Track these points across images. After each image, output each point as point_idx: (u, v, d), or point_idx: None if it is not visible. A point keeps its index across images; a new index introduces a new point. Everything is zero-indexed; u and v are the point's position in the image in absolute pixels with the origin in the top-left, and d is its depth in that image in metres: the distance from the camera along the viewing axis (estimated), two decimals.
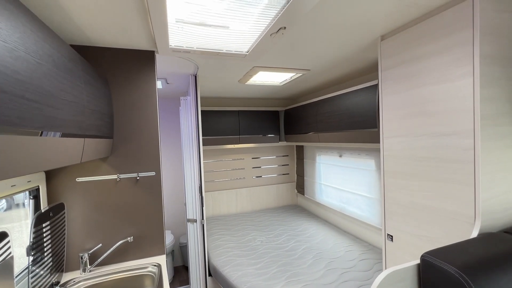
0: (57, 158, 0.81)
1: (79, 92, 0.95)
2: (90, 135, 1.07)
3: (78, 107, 0.93)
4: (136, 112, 1.50)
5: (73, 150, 0.92)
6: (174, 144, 3.31)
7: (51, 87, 0.73)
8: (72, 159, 0.93)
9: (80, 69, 1.00)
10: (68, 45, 0.94)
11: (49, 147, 0.74)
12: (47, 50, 0.73)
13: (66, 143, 0.86)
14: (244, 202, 3.56)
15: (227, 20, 1.16)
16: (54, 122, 0.75)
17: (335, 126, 2.29)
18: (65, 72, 0.84)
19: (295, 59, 1.75)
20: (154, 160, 1.53)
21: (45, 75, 0.70)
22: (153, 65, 1.53)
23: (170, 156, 3.29)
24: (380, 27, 1.30)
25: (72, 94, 0.88)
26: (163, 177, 3.25)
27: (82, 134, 0.98)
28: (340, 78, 2.40)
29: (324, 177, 3.12)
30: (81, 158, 1.01)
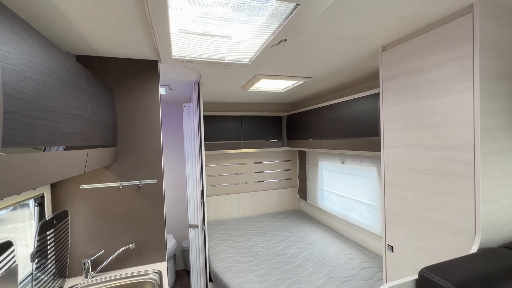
0: (61, 171, 0.83)
1: (83, 104, 0.98)
2: (94, 146, 1.09)
3: (82, 120, 0.95)
4: (139, 121, 1.52)
5: (77, 162, 0.95)
6: (178, 147, 3.34)
7: (56, 102, 0.75)
8: (76, 170, 0.95)
9: (84, 81, 1.03)
10: (74, 60, 0.96)
11: (53, 161, 0.77)
12: (53, 67, 0.76)
13: (70, 156, 0.88)
14: (246, 207, 3.57)
15: (230, 29, 1.18)
16: (58, 136, 0.77)
17: (337, 133, 2.29)
18: (70, 87, 0.86)
19: (297, 68, 1.76)
20: (156, 167, 1.55)
21: (50, 92, 0.72)
22: (156, 74, 1.56)
23: (174, 159, 3.32)
24: (381, 38, 1.30)
25: (77, 107, 0.91)
26: (166, 181, 3.28)
27: (86, 145, 1.00)
28: (342, 85, 2.41)
29: (326, 183, 3.11)
30: (84, 169, 1.03)
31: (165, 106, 3.25)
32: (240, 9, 1.00)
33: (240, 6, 0.97)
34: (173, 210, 3.32)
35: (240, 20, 1.10)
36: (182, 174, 3.37)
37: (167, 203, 3.29)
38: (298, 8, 0.93)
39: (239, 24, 1.13)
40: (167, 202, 3.29)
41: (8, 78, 0.54)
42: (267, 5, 0.95)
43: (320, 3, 0.91)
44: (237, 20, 1.09)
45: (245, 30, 1.18)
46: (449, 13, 1.05)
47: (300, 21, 1.04)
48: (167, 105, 3.26)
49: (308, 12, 0.97)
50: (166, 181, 3.28)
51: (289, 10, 0.97)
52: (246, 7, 0.98)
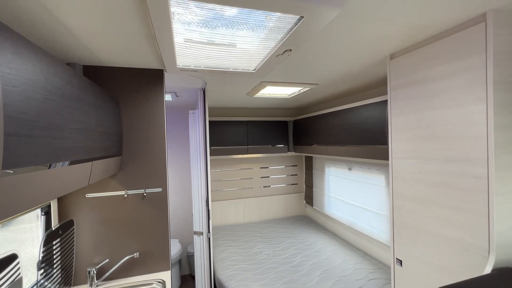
0: (65, 186, 0.84)
1: (88, 118, 0.98)
2: (98, 157, 1.10)
3: (86, 133, 0.96)
4: (144, 130, 1.53)
5: (81, 175, 0.95)
6: (186, 152, 3.35)
7: (60, 119, 0.76)
8: (80, 183, 0.96)
9: (89, 94, 1.03)
10: (79, 73, 0.97)
11: (57, 177, 0.77)
12: (57, 83, 0.76)
13: (74, 170, 0.89)
14: (252, 212, 3.55)
15: (235, 38, 1.17)
16: (63, 152, 0.78)
17: (344, 140, 2.25)
18: (74, 102, 0.87)
19: (302, 74, 1.74)
20: (161, 176, 1.55)
21: (53, 109, 0.73)
22: (161, 83, 1.56)
23: (182, 163, 3.33)
24: (389, 46, 1.27)
25: (81, 121, 0.91)
26: (173, 185, 3.30)
27: (90, 158, 1.00)
28: (349, 91, 2.37)
29: (333, 189, 3.06)
30: (89, 181, 1.04)
31: (172, 112, 3.28)
32: (242, 28, 0.99)
33: (243, 23, 0.96)
34: (179, 215, 3.33)
35: (243, 36, 1.09)
36: (189, 178, 3.38)
37: (173, 207, 3.30)
38: (302, 20, 0.91)
39: (244, 38, 1.12)
40: (173, 207, 3.30)
41: (10, 100, 0.54)
42: (270, 17, 0.94)
43: (324, 15, 0.89)
44: (241, 35, 1.09)
45: (250, 39, 1.17)
46: (460, 22, 1.02)
47: (305, 33, 1.03)
48: (173, 110, 3.28)
49: (312, 24, 0.95)
50: (173, 185, 3.30)
51: (293, 22, 0.95)
52: (248, 23, 0.97)
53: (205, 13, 0.93)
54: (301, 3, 0.81)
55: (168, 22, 0.92)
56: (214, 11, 0.92)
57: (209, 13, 0.94)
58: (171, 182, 3.30)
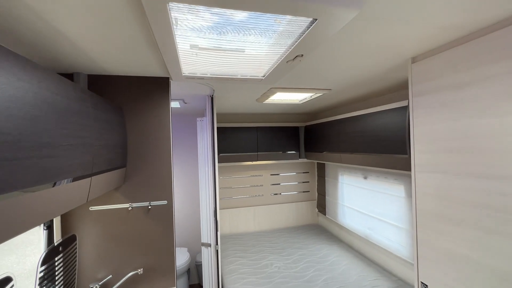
0: (58, 208, 0.78)
1: (87, 131, 0.93)
2: (98, 172, 1.05)
3: (84, 148, 0.90)
4: (149, 140, 1.48)
5: (77, 193, 0.89)
6: (194, 158, 3.31)
7: (50, 136, 0.70)
8: (76, 202, 0.90)
9: (89, 106, 0.98)
10: (78, 85, 0.92)
11: (47, 199, 0.71)
12: (48, 98, 0.71)
13: (69, 189, 0.83)
14: (262, 220, 3.45)
15: (243, 44, 1.09)
16: (54, 172, 0.72)
17: (359, 147, 2.13)
18: (70, 116, 0.81)
19: (314, 80, 1.64)
20: (166, 188, 1.49)
21: (42, 126, 0.67)
22: (167, 92, 1.51)
23: (191, 170, 3.29)
24: (410, 49, 1.16)
25: (78, 136, 0.86)
26: (181, 192, 3.25)
27: (88, 174, 0.95)
28: (364, 96, 2.24)
29: (347, 198, 2.92)
30: (87, 197, 0.98)
31: (181, 119, 3.24)
32: (250, 33, 0.91)
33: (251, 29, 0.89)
34: (188, 223, 3.28)
35: (251, 41, 1.02)
36: (198, 185, 3.33)
37: (182, 214, 3.26)
38: (315, 23, 0.82)
39: (252, 43, 1.05)
40: (182, 214, 3.25)
41: None
42: (280, 20, 0.85)
43: (340, 17, 0.80)
44: (249, 41, 1.01)
45: (258, 44, 1.09)
46: (499, 19, 0.90)
47: (318, 36, 0.93)
48: (182, 117, 3.25)
49: (326, 27, 0.86)
50: (183, 190, 3.25)
51: (305, 25, 0.86)
52: (256, 28, 0.89)
53: (210, 16, 0.86)
54: (314, 4, 0.72)
55: (169, 29, 0.85)
56: (219, 15, 0.84)
57: (214, 17, 0.87)
58: (181, 188, 3.25)
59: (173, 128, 3.22)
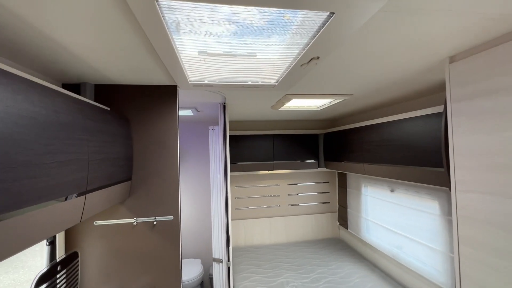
0: (40, 233, 0.70)
1: (80, 146, 0.86)
2: (95, 188, 0.97)
3: (77, 164, 0.83)
4: (156, 152, 1.40)
5: (67, 214, 0.82)
6: (207, 166, 3.24)
7: (29, 155, 0.63)
8: (67, 223, 0.83)
9: (86, 118, 0.92)
10: (71, 96, 0.85)
11: (23, 226, 0.63)
12: (29, 112, 0.64)
13: (56, 210, 0.75)
14: (279, 233, 3.27)
15: (254, 47, 0.99)
16: (33, 194, 0.64)
17: (385, 158, 1.92)
18: (57, 130, 0.74)
19: (334, 85, 1.49)
20: (172, 203, 1.40)
21: (18, 144, 0.60)
22: (174, 100, 1.43)
23: (205, 175, 3.22)
24: (448, 46, 0.98)
25: (68, 152, 0.79)
26: (194, 199, 3.18)
27: (82, 191, 0.87)
28: (390, 101, 2.04)
29: (371, 212, 2.67)
30: (81, 217, 0.91)
31: (194, 127, 3.20)
32: (254, 33, 0.80)
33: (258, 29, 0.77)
34: (201, 233, 3.19)
35: (262, 44, 0.90)
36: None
37: (195, 224, 3.18)
38: (332, 17, 0.69)
39: (260, 45, 0.93)
40: (195, 223, 3.18)
41: None
42: (289, 16, 0.73)
43: (363, 10, 0.66)
44: (259, 43, 0.90)
45: (268, 46, 0.97)
46: None
47: (336, 34, 0.80)
48: (196, 125, 3.21)
49: (346, 22, 0.72)
50: (195, 200, 3.18)
51: (320, 21, 0.73)
52: (264, 27, 0.77)
53: (214, 15, 0.76)
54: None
55: (164, 32, 0.76)
56: (225, 14, 0.74)
57: (219, 15, 0.76)
58: (195, 195, 3.19)
59: (186, 136, 3.18)
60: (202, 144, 3.21)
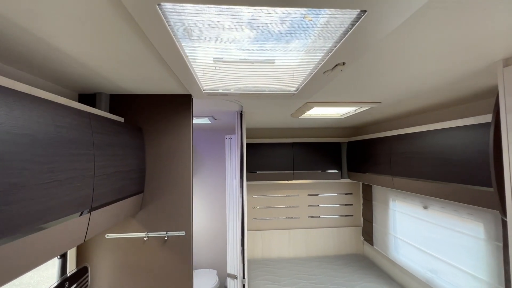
0: (39, 257, 0.65)
1: (85, 162, 0.81)
2: (103, 204, 0.92)
3: (79, 181, 0.78)
4: (169, 163, 1.35)
5: (69, 234, 0.77)
6: (225, 173, 3.18)
7: (22, 176, 0.58)
8: (69, 244, 0.78)
9: (93, 132, 0.87)
10: (74, 109, 0.81)
11: (23, 250, 0.58)
12: (26, 129, 0.59)
13: (56, 232, 0.70)
14: (298, 246, 3.11)
15: (273, 53, 0.90)
16: (30, 217, 0.59)
17: (418, 172, 1.72)
18: (58, 147, 0.70)
19: (360, 92, 1.36)
20: (185, 217, 1.34)
21: (14, 164, 0.55)
22: (189, 110, 1.38)
23: (221, 182, 3.15)
24: (503, 47, 0.82)
25: (71, 169, 0.74)
26: (210, 207, 3.12)
27: (87, 209, 0.82)
28: (423, 108, 1.84)
29: (401, 229, 2.44)
30: (85, 236, 0.86)
31: (212, 135, 3.15)
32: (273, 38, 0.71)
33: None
34: (217, 242, 3.11)
35: (279, 49, 0.81)
36: None
37: (211, 232, 3.11)
38: (364, 16, 0.58)
39: (278, 51, 0.84)
40: (211, 232, 3.11)
41: None
42: (311, 18, 0.63)
43: (402, 7, 0.54)
44: (278, 49, 0.81)
45: (288, 52, 0.88)
46: None
47: (367, 36, 0.68)
48: (213, 133, 3.16)
49: (380, 22, 0.61)
50: (212, 207, 3.12)
51: (348, 22, 0.62)
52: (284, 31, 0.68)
53: (223, 18, 0.68)
54: None
55: (169, 38, 0.70)
56: (236, 18, 0.66)
57: (231, 21, 0.68)
58: (211, 203, 3.13)
59: (203, 144, 3.15)
60: (219, 151, 3.16)
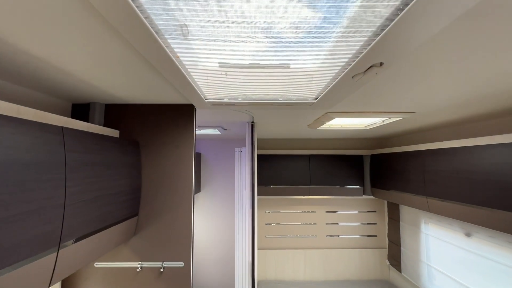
0: None
1: (49, 190, 0.65)
2: (79, 238, 0.76)
3: (48, 212, 0.63)
4: (168, 183, 1.18)
5: (25, 281, 0.60)
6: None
7: None
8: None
9: (64, 151, 0.72)
10: (41, 124, 0.66)
11: None
12: None
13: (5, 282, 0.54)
14: (315, 268, 2.83)
15: (287, 54, 0.72)
16: None
17: (460, 194, 1.45)
18: (18, 174, 0.54)
19: (390, 100, 1.13)
20: (184, 246, 1.15)
21: None
22: (191, 121, 1.21)
23: (231, 196, 2.97)
24: None
25: (24, 201, 0.58)
26: (215, 221, 2.93)
27: (50, 248, 0.66)
28: (462, 120, 1.57)
29: (436, 257, 2.12)
30: (50, 281, 0.69)
31: (221, 145, 2.98)
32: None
33: None
34: (227, 258, 2.91)
35: (297, 49, 0.62)
36: None
37: (220, 251, 2.91)
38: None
39: (297, 53, 0.65)
40: (220, 250, 2.91)
41: None
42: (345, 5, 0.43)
43: None
44: (294, 49, 0.62)
45: (307, 53, 0.69)
46: None
47: (419, 26, 0.48)
48: (224, 144, 2.99)
49: (440, 6, 0.40)
50: (219, 222, 2.92)
51: (390, 10, 0.42)
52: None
53: (223, 13, 0.51)
54: None
55: (158, 46, 0.53)
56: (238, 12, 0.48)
57: (236, 14, 0.51)
58: (219, 219, 2.94)
59: (213, 156, 2.98)
60: (230, 163, 2.99)
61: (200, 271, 2.89)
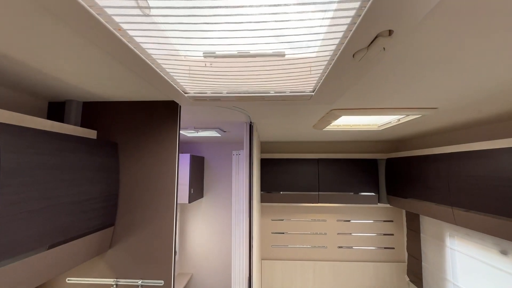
0: None
1: None
2: (28, 253, 0.64)
3: None
4: (147, 189, 1.05)
5: None
6: None
7: None
8: None
9: (5, 151, 0.60)
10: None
11: None
12: None
13: None
14: (326, 282, 2.61)
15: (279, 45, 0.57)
16: None
17: (492, 205, 1.22)
18: None
19: (407, 94, 0.94)
20: (165, 262, 1.01)
21: None
22: (175, 121, 1.08)
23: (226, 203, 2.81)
24: None
25: None
26: (213, 230, 2.78)
27: None
28: (489, 118, 1.34)
29: (463, 276, 1.85)
30: None
31: (221, 148, 2.84)
32: None
33: None
34: (225, 269, 2.73)
35: None
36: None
37: (218, 264, 2.75)
38: None
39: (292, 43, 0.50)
40: (218, 263, 2.75)
41: None
42: None
43: None
44: None
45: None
46: None
47: None
48: (224, 146, 2.85)
49: None
50: (218, 230, 2.76)
51: None
52: None
53: None
54: None
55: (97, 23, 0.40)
56: None
57: None
58: (223, 227, 2.79)
59: (213, 160, 2.84)
60: (230, 168, 2.84)
61: (203, 280, 2.74)
